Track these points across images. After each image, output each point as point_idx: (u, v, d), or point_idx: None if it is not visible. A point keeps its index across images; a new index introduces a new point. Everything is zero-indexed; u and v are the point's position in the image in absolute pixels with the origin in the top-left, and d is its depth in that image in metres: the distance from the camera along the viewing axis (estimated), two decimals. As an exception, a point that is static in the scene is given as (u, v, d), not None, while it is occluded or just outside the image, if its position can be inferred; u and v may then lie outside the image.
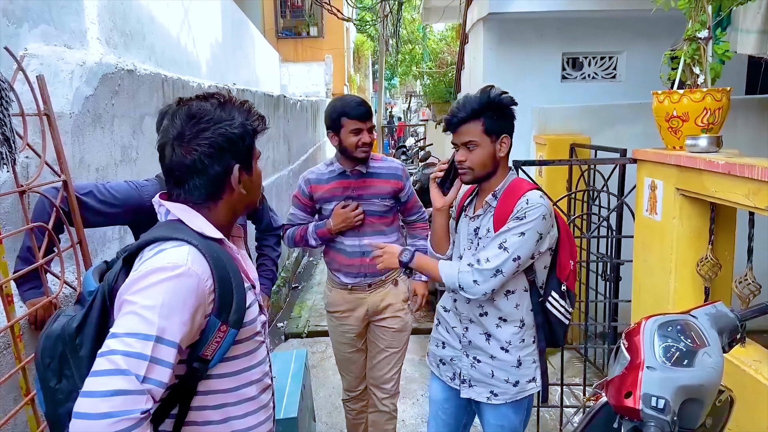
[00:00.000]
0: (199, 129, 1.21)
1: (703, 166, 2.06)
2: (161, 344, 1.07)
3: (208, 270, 1.16)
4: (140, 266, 1.14)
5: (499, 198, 1.91)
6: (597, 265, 3.68)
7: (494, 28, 4.85)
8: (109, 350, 1.04)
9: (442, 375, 2.12)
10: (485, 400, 1.99)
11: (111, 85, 2.30)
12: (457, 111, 1.87)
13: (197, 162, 1.21)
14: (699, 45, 2.27)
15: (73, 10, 2.54)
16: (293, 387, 2.80)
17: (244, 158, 1.27)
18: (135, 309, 1.07)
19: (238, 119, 1.24)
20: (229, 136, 1.22)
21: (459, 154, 1.89)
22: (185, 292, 1.11)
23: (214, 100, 1.25)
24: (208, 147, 1.21)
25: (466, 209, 2.03)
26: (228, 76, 5.56)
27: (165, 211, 1.25)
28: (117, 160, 2.39)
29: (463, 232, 2.01)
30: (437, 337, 2.14)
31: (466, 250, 1.98)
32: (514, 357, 1.95)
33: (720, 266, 2.19)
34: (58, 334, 1.16)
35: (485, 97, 1.87)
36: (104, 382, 1.01)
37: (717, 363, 1.28)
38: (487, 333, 1.96)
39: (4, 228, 1.68)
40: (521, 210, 1.82)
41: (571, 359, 3.90)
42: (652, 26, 4.48)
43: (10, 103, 1.49)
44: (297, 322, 5.18)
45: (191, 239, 1.18)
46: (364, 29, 17.30)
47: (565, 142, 3.98)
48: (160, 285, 1.09)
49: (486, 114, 1.87)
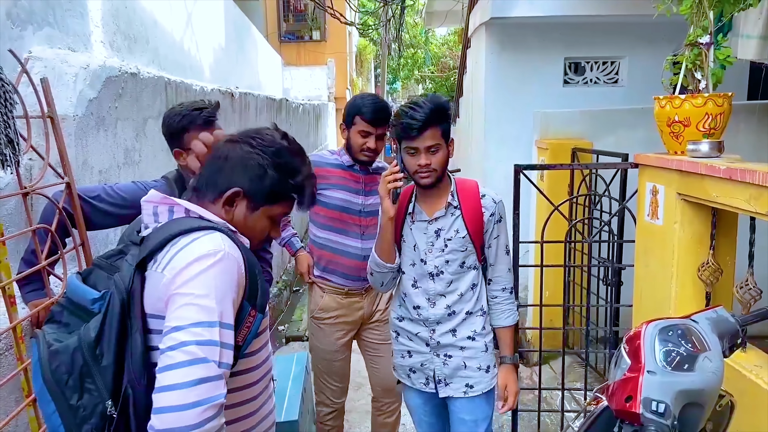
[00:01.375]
0: (255, 143, 1.29)
1: (705, 171, 2.06)
2: (224, 329, 1.09)
3: (240, 254, 1.19)
4: (176, 257, 1.14)
5: (458, 198, 2.00)
6: (598, 270, 3.68)
7: (496, 32, 4.86)
8: (180, 342, 1.04)
9: (415, 383, 2.15)
10: (462, 394, 2.06)
11: (114, 88, 2.32)
12: (421, 116, 1.87)
13: (222, 166, 1.27)
14: (701, 50, 2.27)
15: (78, 13, 2.56)
16: (294, 390, 2.80)
17: (258, 195, 1.29)
18: (191, 300, 1.08)
19: (298, 177, 1.31)
20: (259, 163, 1.27)
21: (422, 158, 1.91)
22: (230, 275, 1.14)
23: (296, 151, 1.34)
24: (240, 156, 1.27)
25: (411, 216, 2.05)
26: (231, 79, 5.57)
27: (168, 209, 1.25)
28: (120, 162, 2.40)
29: (417, 237, 2.04)
30: (401, 348, 2.16)
31: (428, 253, 2.02)
32: (481, 343, 2.06)
33: (721, 271, 2.18)
34: (76, 347, 1.12)
35: (440, 102, 1.94)
36: (186, 372, 1.02)
37: (718, 368, 1.28)
38: (453, 329, 2.04)
39: (7, 230, 1.68)
40: (495, 210, 2.02)
41: (572, 364, 3.90)
42: (654, 32, 4.49)
43: (15, 105, 1.50)
44: (298, 325, 5.19)
45: (215, 226, 1.20)
46: (367, 33, 17.34)
47: (567, 147, 3.98)
48: (208, 272, 1.11)
49: (443, 118, 1.94)
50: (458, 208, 2.00)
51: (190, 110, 1.93)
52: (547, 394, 3.57)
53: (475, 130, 5.77)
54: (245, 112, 4.77)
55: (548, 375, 3.90)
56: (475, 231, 2.00)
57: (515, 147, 4.63)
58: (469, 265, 2.03)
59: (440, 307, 2.03)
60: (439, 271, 2.02)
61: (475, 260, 2.05)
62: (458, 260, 2.01)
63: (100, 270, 1.26)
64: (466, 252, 2.01)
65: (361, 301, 2.59)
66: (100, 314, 1.14)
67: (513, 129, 4.78)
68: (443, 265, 2.01)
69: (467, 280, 2.03)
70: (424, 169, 1.93)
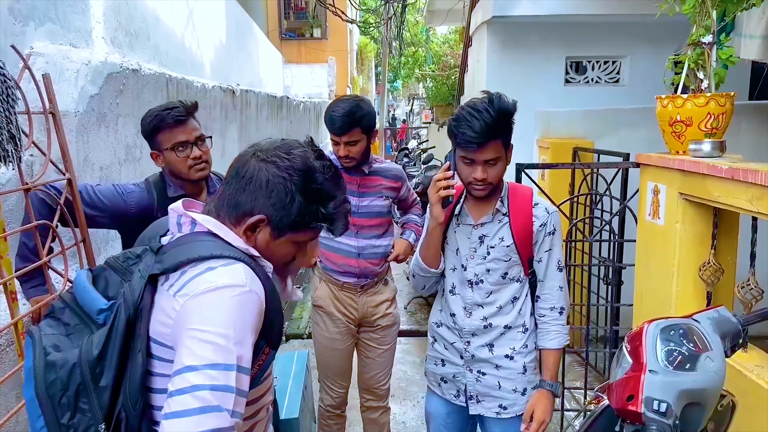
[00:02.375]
0: (291, 174, 1.13)
1: (707, 170, 2.06)
2: (242, 373, 0.99)
3: (262, 288, 1.08)
4: (190, 284, 1.03)
5: (507, 205, 1.87)
6: (599, 269, 3.68)
7: (498, 31, 4.86)
8: (192, 385, 0.93)
9: (445, 393, 2.02)
10: (494, 415, 1.93)
11: (116, 84, 2.31)
12: (481, 127, 1.69)
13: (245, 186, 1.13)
14: (703, 50, 2.27)
15: (79, 9, 2.55)
16: (294, 388, 2.80)
17: (284, 223, 1.14)
18: (209, 338, 0.97)
19: (329, 206, 1.16)
20: (286, 189, 1.12)
21: (479, 172, 1.75)
22: (251, 314, 1.03)
23: (333, 178, 1.18)
24: (266, 179, 1.12)
25: (457, 218, 1.92)
26: (232, 76, 5.57)
27: (191, 222, 1.14)
28: (121, 159, 2.40)
29: (461, 241, 1.91)
30: (435, 355, 2.04)
31: (469, 259, 1.89)
32: (519, 364, 1.90)
33: (722, 271, 2.18)
34: (75, 363, 1.03)
35: (506, 107, 1.74)
36: (198, 421, 0.92)
37: (719, 367, 1.28)
38: (491, 344, 1.90)
39: (8, 226, 1.68)
40: (548, 220, 1.86)
41: (572, 363, 3.90)
42: (656, 31, 4.49)
43: (16, 101, 1.49)
44: (298, 323, 5.19)
45: (238, 256, 1.08)
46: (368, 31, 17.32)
47: (568, 146, 3.98)
48: (228, 309, 1.00)
49: (507, 128, 1.78)
50: (507, 215, 1.86)
51: (160, 110, 1.94)
52: (547, 393, 3.57)
53: (476, 128, 5.75)
54: (246, 110, 4.77)
55: (548, 374, 3.89)
56: (523, 241, 1.85)
57: (517, 146, 4.56)
58: (513, 277, 1.88)
59: (476, 318, 1.90)
60: (479, 279, 1.88)
61: (520, 272, 1.88)
62: (500, 270, 1.86)
63: (113, 272, 1.17)
64: (510, 262, 1.87)
65: (356, 298, 2.59)
66: (105, 327, 1.05)
67: (514, 128, 4.78)
68: (483, 273, 1.88)
69: (508, 292, 1.89)
70: (479, 184, 1.78)
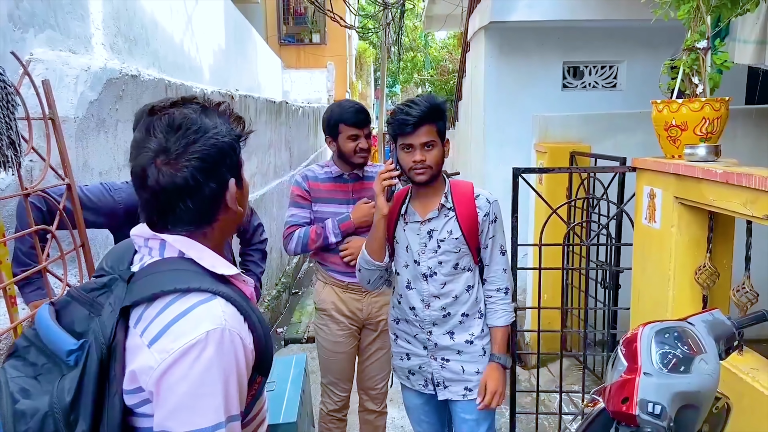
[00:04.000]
0: (188, 141, 1.00)
1: (702, 175, 2.07)
2: (231, 422, 0.95)
3: (245, 323, 1.01)
4: (167, 334, 0.94)
5: (452, 200, 2.00)
6: (596, 273, 3.68)
7: (496, 36, 4.88)
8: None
9: (414, 385, 2.16)
10: (461, 397, 2.07)
11: (115, 90, 2.33)
12: (417, 112, 1.88)
13: (189, 180, 1.00)
14: (698, 55, 2.29)
15: (79, 15, 2.57)
16: (293, 392, 2.80)
17: (237, 171, 1.09)
18: (191, 402, 0.91)
19: (222, 126, 1.06)
20: (221, 147, 1.04)
21: (417, 154, 1.91)
22: (236, 360, 0.97)
23: (195, 105, 1.05)
24: (200, 161, 1.01)
25: (404, 217, 2.06)
26: (231, 82, 5.59)
27: (159, 245, 1.04)
28: (120, 164, 2.41)
29: (410, 238, 2.04)
30: (399, 350, 2.17)
31: (420, 254, 2.01)
32: (478, 347, 2.06)
33: (718, 274, 2.20)
34: (47, 412, 0.92)
35: (436, 100, 1.95)
36: None
37: (714, 370, 1.29)
38: (451, 332, 2.04)
39: (7, 231, 1.69)
40: (490, 210, 2.00)
41: (570, 367, 3.91)
42: (652, 36, 4.51)
43: (16, 107, 1.51)
44: (297, 327, 5.19)
45: (216, 288, 1.00)
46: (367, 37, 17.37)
47: (566, 150, 3.99)
48: (208, 361, 0.93)
49: (439, 116, 1.94)
50: (452, 209, 2.00)
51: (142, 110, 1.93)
52: (545, 397, 3.58)
53: (474, 133, 5.79)
54: (245, 115, 4.78)
55: (546, 378, 3.90)
56: (470, 232, 1.99)
57: (514, 150, 4.65)
58: (464, 267, 2.03)
59: (435, 309, 2.03)
60: (432, 272, 2.01)
61: (470, 262, 2.04)
62: (451, 261, 2.00)
63: (78, 305, 1.04)
64: (460, 253, 2.00)
65: (361, 299, 2.60)
66: (77, 369, 0.94)
67: (512, 132, 4.80)
68: (436, 266, 2.01)
69: (462, 281, 2.03)
70: (419, 165, 1.92)
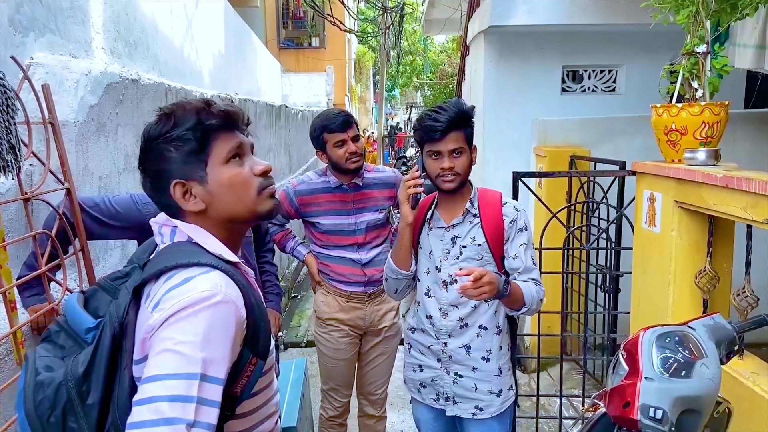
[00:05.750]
0: (144, 151, 1.14)
1: (702, 179, 2.08)
2: (207, 382, 0.96)
3: (241, 297, 1.06)
4: (166, 298, 1.01)
5: (477, 206, 1.95)
6: (596, 277, 3.69)
7: (495, 40, 4.89)
8: (149, 397, 0.92)
9: (425, 398, 2.08)
10: (471, 416, 1.99)
11: (115, 94, 2.33)
12: (446, 118, 1.83)
13: (148, 188, 1.16)
14: (697, 59, 2.29)
15: (79, 20, 2.57)
16: (292, 396, 2.80)
17: (187, 169, 1.12)
18: (172, 346, 0.95)
19: (180, 127, 1.11)
20: (162, 152, 1.11)
21: (446, 161, 1.87)
22: (225, 321, 1.00)
23: (163, 114, 1.14)
24: (148, 172, 1.15)
25: (429, 222, 1.99)
26: (230, 85, 5.59)
27: (171, 231, 1.14)
28: (120, 168, 2.41)
29: (434, 244, 1.97)
30: (412, 361, 2.09)
31: (442, 261, 1.95)
32: (495, 365, 1.97)
33: (718, 278, 2.20)
34: (61, 381, 1.01)
35: (464, 106, 1.89)
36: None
37: (715, 374, 1.29)
38: (467, 345, 1.95)
39: (7, 235, 1.69)
40: (517, 217, 1.93)
41: (570, 371, 3.90)
42: (651, 40, 4.52)
43: (16, 111, 1.51)
44: (296, 331, 5.18)
45: (217, 264, 1.06)
46: (366, 40, 17.41)
47: (565, 154, 4.00)
48: (197, 316, 0.97)
49: (467, 123, 1.90)
50: (477, 216, 1.94)
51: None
52: (545, 401, 3.57)
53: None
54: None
55: (546, 382, 3.90)
56: (495, 239, 1.92)
57: (514, 154, 4.65)
58: None
59: (452, 319, 1.95)
60: (453, 279, 1.92)
61: (494, 271, 1.91)
62: None
63: (103, 292, 1.17)
64: (482, 261, 1.93)
65: (363, 307, 2.59)
66: (92, 346, 1.04)
67: (511, 136, 4.80)
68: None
69: None
70: (447, 173, 1.88)
